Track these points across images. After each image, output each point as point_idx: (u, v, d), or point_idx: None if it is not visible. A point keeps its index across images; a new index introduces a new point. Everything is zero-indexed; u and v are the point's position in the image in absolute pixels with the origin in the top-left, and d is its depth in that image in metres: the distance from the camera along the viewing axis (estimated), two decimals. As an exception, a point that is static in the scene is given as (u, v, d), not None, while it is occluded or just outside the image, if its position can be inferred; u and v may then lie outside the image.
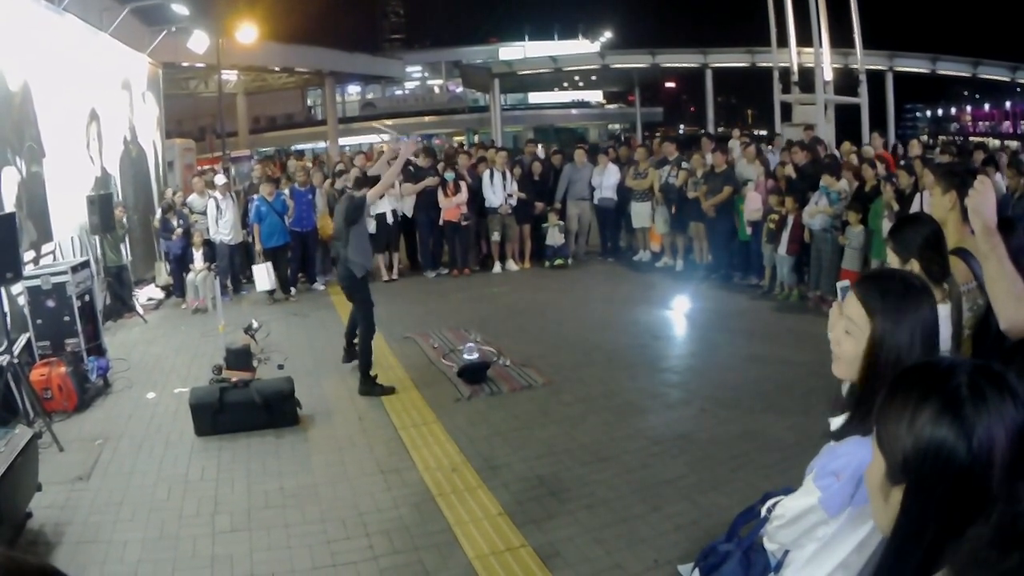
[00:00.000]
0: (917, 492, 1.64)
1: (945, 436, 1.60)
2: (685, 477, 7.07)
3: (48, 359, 10.11)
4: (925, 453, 1.62)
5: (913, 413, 1.64)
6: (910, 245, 4.09)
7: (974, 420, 1.59)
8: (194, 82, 42.63)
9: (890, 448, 1.70)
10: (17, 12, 11.74)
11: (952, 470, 1.59)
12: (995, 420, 1.59)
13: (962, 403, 1.61)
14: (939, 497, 1.61)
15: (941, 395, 1.63)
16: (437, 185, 16.78)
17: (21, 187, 11.43)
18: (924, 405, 1.64)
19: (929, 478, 1.62)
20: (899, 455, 1.67)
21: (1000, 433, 1.58)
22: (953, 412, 1.60)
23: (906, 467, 1.66)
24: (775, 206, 13.68)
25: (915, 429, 1.64)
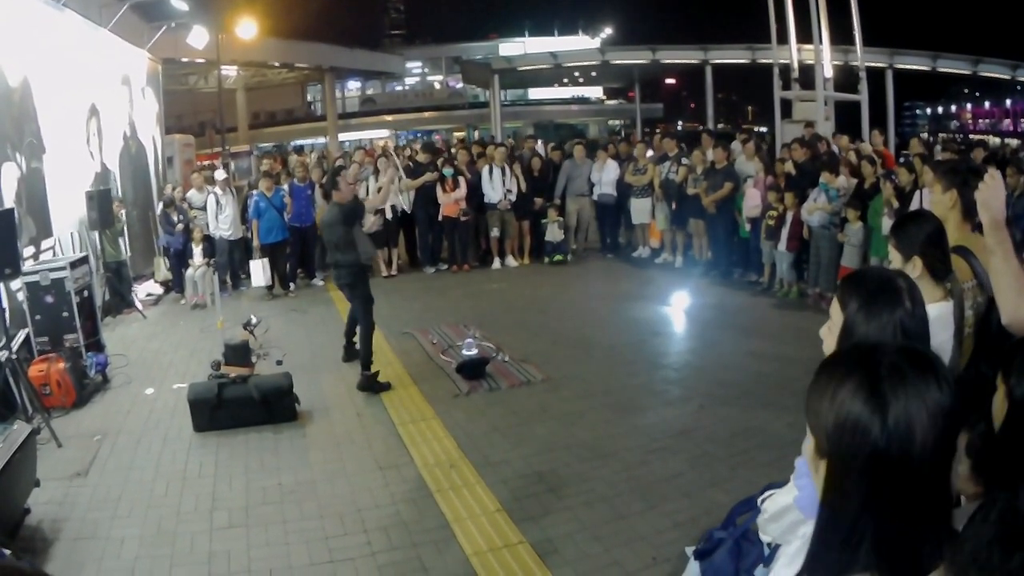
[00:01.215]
0: (837, 466, 1.69)
1: (860, 412, 1.64)
2: (684, 474, 7.06)
3: (47, 355, 10.12)
4: (843, 428, 1.66)
5: (835, 390, 1.69)
6: (913, 242, 4.06)
7: (890, 398, 1.63)
8: (194, 78, 42.61)
9: (815, 423, 1.74)
10: (17, 8, 11.75)
11: (867, 446, 1.63)
12: (914, 400, 1.63)
13: (879, 381, 1.65)
14: (857, 471, 1.64)
15: (861, 373, 1.68)
16: (436, 181, 16.77)
17: (21, 183, 11.44)
18: (845, 382, 1.68)
19: (846, 453, 1.66)
20: (822, 430, 1.71)
21: (920, 413, 1.62)
22: (870, 389, 1.64)
23: (828, 441, 1.70)
24: (775, 203, 13.66)
25: (835, 405, 1.68)
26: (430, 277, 17.04)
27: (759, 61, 29.96)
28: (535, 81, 53.60)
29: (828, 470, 1.71)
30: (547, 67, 37.76)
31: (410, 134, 64.29)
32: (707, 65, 32.87)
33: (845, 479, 1.67)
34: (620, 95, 67.93)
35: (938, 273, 3.98)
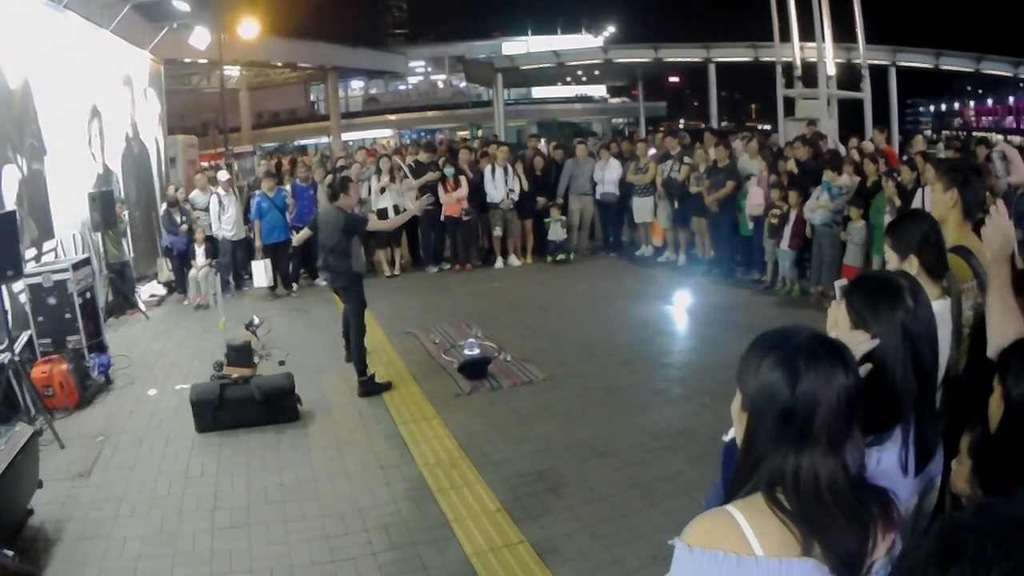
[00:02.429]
0: (753, 420, 2.12)
1: (776, 380, 2.05)
2: (684, 473, 7.07)
3: (49, 356, 10.14)
4: (760, 390, 2.09)
5: (759, 360, 2.11)
6: (908, 241, 4.05)
7: (801, 372, 2.03)
8: (196, 78, 42.64)
9: (742, 385, 2.17)
10: (17, 9, 11.74)
11: (777, 407, 2.05)
12: (820, 378, 2.03)
13: (793, 357, 2.05)
14: (767, 426, 2.07)
15: (781, 350, 2.09)
16: (438, 180, 16.77)
17: (22, 185, 11.46)
18: (768, 355, 2.10)
19: (762, 409, 2.08)
20: (746, 391, 2.15)
21: (825, 390, 2.03)
22: (785, 363, 2.06)
23: (749, 400, 2.13)
24: (777, 201, 13.65)
25: (758, 373, 2.10)
26: (433, 276, 17.06)
27: (762, 59, 29.95)
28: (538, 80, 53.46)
29: (747, 422, 2.14)
30: (550, 66, 37.70)
31: (413, 133, 64.23)
32: (710, 63, 32.83)
33: (758, 430, 2.10)
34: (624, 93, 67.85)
35: (934, 271, 3.98)
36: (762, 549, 1.97)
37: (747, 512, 2.02)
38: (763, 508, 2.02)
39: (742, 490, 2.11)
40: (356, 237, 10.12)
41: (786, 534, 1.98)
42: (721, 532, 2.01)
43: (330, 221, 9.96)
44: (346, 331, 10.65)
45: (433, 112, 67.13)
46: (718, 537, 2.00)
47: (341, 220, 9.85)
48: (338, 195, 10.07)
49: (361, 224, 10.42)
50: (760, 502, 2.03)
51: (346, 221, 9.90)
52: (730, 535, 1.99)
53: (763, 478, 2.06)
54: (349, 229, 9.90)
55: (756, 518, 2.00)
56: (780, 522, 1.99)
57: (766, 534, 1.98)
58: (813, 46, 23.70)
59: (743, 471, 2.13)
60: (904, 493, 2.50)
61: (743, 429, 2.17)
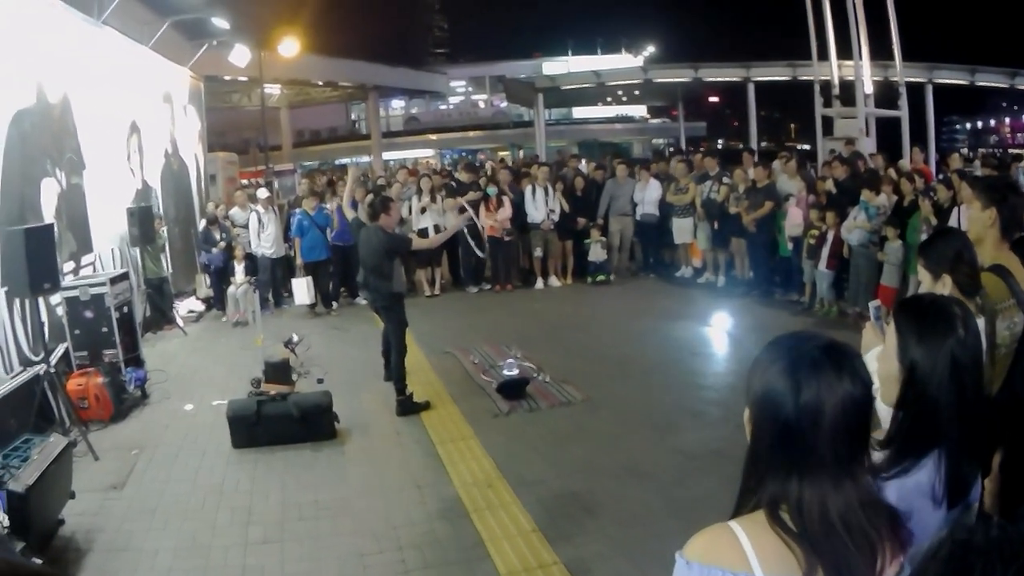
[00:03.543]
0: (757, 429, 2.08)
1: (779, 391, 2.00)
2: (719, 494, 6.95)
3: (85, 369, 10.27)
4: (764, 401, 2.05)
5: (764, 370, 2.07)
6: (942, 260, 4.03)
7: (803, 382, 1.98)
8: (237, 95, 42.81)
9: (749, 394, 2.12)
10: (56, 25, 11.87)
11: (780, 418, 1.99)
12: (824, 389, 1.97)
13: (798, 368, 2.00)
14: (770, 439, 2.03)
15: (787, 359, 2.04)
16: (479, 200, 16.80)
17: (61, 198, 11.57)
18: (773, 365, 2.05)
19: (764, 420, 2.05)
20: (752, 400, 2.10)
21: (829, 401, 1.96)
22: (790, 373, 2.00)
23: (753, 410, 2.10)
24: (815, 221, 13.60)
25: (762, 382, 2.06)
26: (473, 296, 17.11)
27: (800, 77, 29.83)
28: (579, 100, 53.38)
29: (751, 430, 2.10)
30: (590, 86, 37.67)
31: (454, 153, 64.40)
32: (749, 82, 32.70)
33: (761, 442, 2.06)
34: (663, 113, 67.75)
35: (968, 290, 3.96)
36: (762, 569, 1.95)
37: (749, 529, 2.00)
38: (766, 526, 1.99)
39: (747, 505, 2.08)
40: (397, 257, 10.15)
41: (787, 554, 1.94)
42: (721, 548, 2.00)
43: (371, 241, 9.94)
44: (386, 350, 10.66)
45: (474, 132, 67.20)
46: (718, 553, 1.99)
47: (383, 240, 9.85)
48: (379, 215, 10.03)
49: (404, 245, 10.45)
50: (763, 519, 2.00)
51: (388, 242, 9.91)
52: (730, 552, 1.98)
53: (766, 495, 2.02)
54: (391, 250, 9.93)
55: (758, 536, 1.98)
56: (782, 542, 1.96)
57: (767, 553, 1.96)
58: (851, 64, 23.65)
59: (747, 485, 2.10)
60: (933, 523, 2.47)
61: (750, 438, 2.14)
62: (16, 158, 10.05)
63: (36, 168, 10.84)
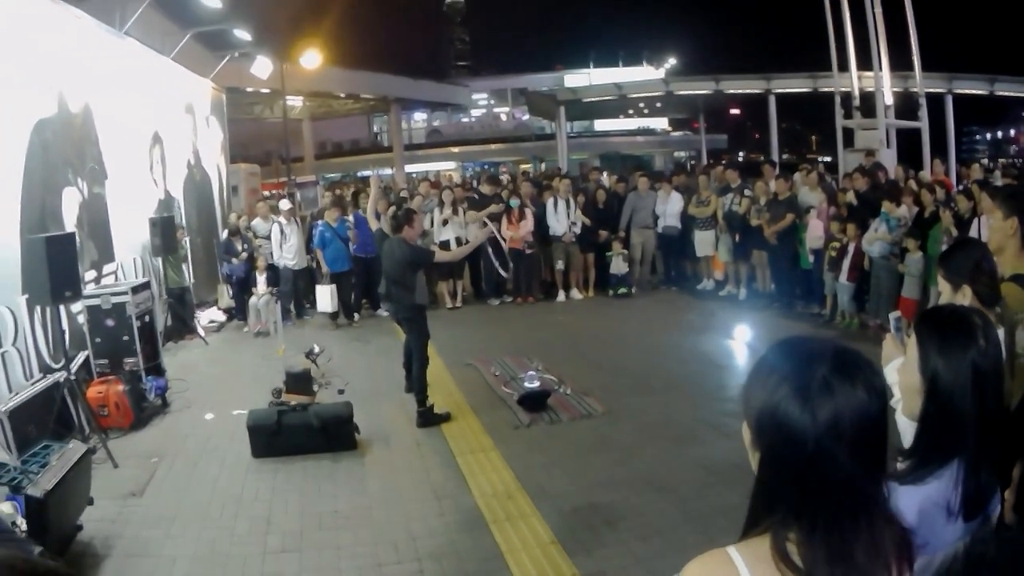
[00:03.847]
0: (769, 460, 1.86)
1: (794, 418, 1.77)
2: (740, 507, 6.89)
3: (106, 377, 10.34)
4: (775, 431, 1.81)
5: (770, 394, 1.82)
6: (961, 271, 4.01)
7: (818, 407, 1.75)
8: (259, 107, 42.98)
9: (750, 420, 1.90)
10: (77, 35, 11.97)
11: (798, 447, 1.76)
12: (841, 407, 1.75)
13: (811, 392, 1.77)
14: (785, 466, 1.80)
15: (794, 383, 1.80)
16: (501, 213, 16.80)
17: (82, 207, 11.65)
18: (779, 388, 1.81)
19: (777, 451, 1.82)
20: (756, 428, 1.88)
21: (845, 419, 1.75)
22: (802, 399, 1.77)
23: (761, 439, 1.87)
24: (836, 233, 13.57)
25: (769, 408, 1.82)
26: (494, 309, 17.14)
27: (821, 89, 29.79)
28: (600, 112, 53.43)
29: (760, 460, 1.88)
30: (612, 98, 37.67)
31: (476, 165, 64.49)
32: (770, 94, 32.66)
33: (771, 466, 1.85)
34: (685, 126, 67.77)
35: (987, 300, 3.93)
36: None
37: (748, 557, 1.83)
38: (767, 556, 1.80)
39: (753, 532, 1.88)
40: (420, 270, 10.16)
41: None
42: None
43: (394, 253, 9.94)
44: (407, 362, 10.64)
45: (495, 144, 67.32)
46: None
47: (406, 253, 9.84)
48: (402, 227, 10.00)
49: (427, 257, 10.46)
50: (766, 548, 1.82)
51: (411, 254, 9.91)
52: None
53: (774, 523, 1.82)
54: (415, 263, 9.94)
55: (757, 566, 1.81)
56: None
57: None
58: (871, 75, 23.60)
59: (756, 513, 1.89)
60: (947, 536, 2.43)
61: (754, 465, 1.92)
62: (38, 167, 10.13)
63: (58, 177, 10.91)
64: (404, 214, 10.30)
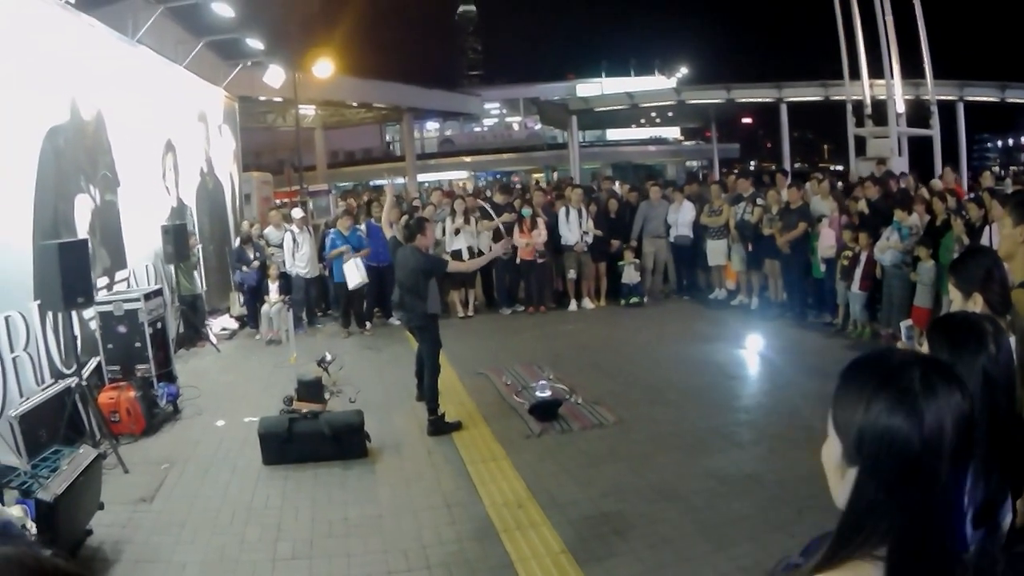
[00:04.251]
0: (871, 473, 1.74)
1: (900, 426, 1.70)
2: (751, 517, 6.99)
3: (117, 383, 10.37)
4: (881, 440, 1.72)
5: (869, 402, 1.75)
6: (972, 279, 4.01)
7: (925, 411, 1.69)
8: (272, 116, 43.10)
9: (845, 433, 1.80)
10: (90, 43, 12.03)
11: (905, 456, 1.69)
12: (943, 410, 1.70)
13: (915, 396, 1.71)
14: (890, 478, 1.71)
15: (895, 387, 1.73)
16: (514, 222, 16.81)
17: (95, 214, 11.71)
18: (879, 395, 1.74)
19: (882, 462, 1.72)
20: (853, 440, 1.78)
21: (948, 422, 1.69)
22: (908, 404, 1.70)
23: (860, 451, 1.76)
24: (849, 242, 13.54)
25: (871, 417, 1.74)
26: (506, 318, 17.11)
27: (832, 97, 29.81)
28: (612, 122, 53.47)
29: (860, 476, 1.76)
30: (624, 107, 37.72)
31: (488, 175, 64.54)
32: (782, 103, 32.68)
33: (876, 483, 1.73)
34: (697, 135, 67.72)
35: (998, 308, 3.92)
36: None
37: None
38: None
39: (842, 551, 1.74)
40: (433, 279, 10.17)
41: None
42: None
43: (408, 262, 9.94)
44: (419, 370, 10.64)
45: (508, 154, 67.39)
46: None
47: (420, 261, 9.85)
48: (415, 236, 10.02)
49: (440, 267, 10.45)
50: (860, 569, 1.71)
51: (424, 263, 9.91)
52: None
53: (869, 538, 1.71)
54: (428, 272, 9.93)
55: None
56: None
57: None
58: (882, 83, 23.61)
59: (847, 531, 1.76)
60: None
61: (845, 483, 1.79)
62: (50, 173, 10.18)
63: (70, 184, 10.96)
64: (417, 223, 10.33)
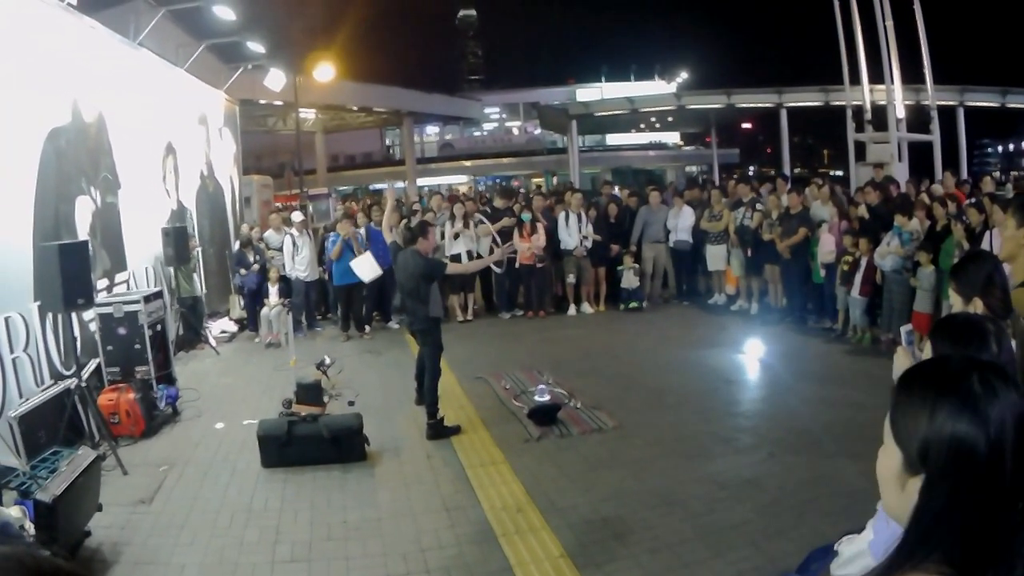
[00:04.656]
0: (939, 481, 1.69)
1: (967, 431, 1.66)
2: (751, 522, 6.98)
3: (117, 385, 10.37)
4: (948, 447, 1.67)
5: (932, 410, 1.71)
6: (973, 284, 4.02)
7: (989, 413, 1.66)
8: (272, 119, 43.17)
9: (907, 442, 1.76)
10: (91, 45, 12.04)
11: (974, 460, 1.65)
12: (1005, 411, 1.66)
13: (978, 399, 1.67)
14: (960, 485, 1.66)
15: (958, 392, 1.70)
16: (514, 226, 16.80)
17: (95, 216, 11.71)
18: (943, 402, 1.70)
19: (951, 469, 1.67)
20: (917, 449, 1.73)
21: (1009, 423, 1.65)
22: (973, 408, 1.67)
23: (925, 459, 1.71)
24: (850, 247, 13.54)
25: (935, 424, 1.70)
26: (506, 322, 17.10)
27: (832, 103, 29.86)
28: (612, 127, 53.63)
29: (927, 485, 1.71)
30: (624, 112, 37.74)
31: (488, 179, 64.59)
32: (782, 108, 32.73)
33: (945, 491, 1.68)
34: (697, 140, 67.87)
35: (999, 313, 3.93)
36: None
37: None
38: None
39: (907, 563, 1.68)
40: (435, 282, 10.17)
41: None
42: None
43: (408, 265, 9.93)
44: (419, 373, 10.63)
45: (508, 158, 67.46)
46: None
47: (420, 265, 9.84)
48: (416, 239, 10.04)
49: (440, 269, 10.45)
50: None
51: (424, 266, 9.90)
52: None
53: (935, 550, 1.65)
54: (428, 275, 9.92)
55: None
56: None
57: None
58: (882, 88, 23.62)
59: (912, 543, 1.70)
60: None
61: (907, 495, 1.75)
62: (51, 175, 10.18)
63: (71, 186, 10.96)
64: (419, 226, 10.33)
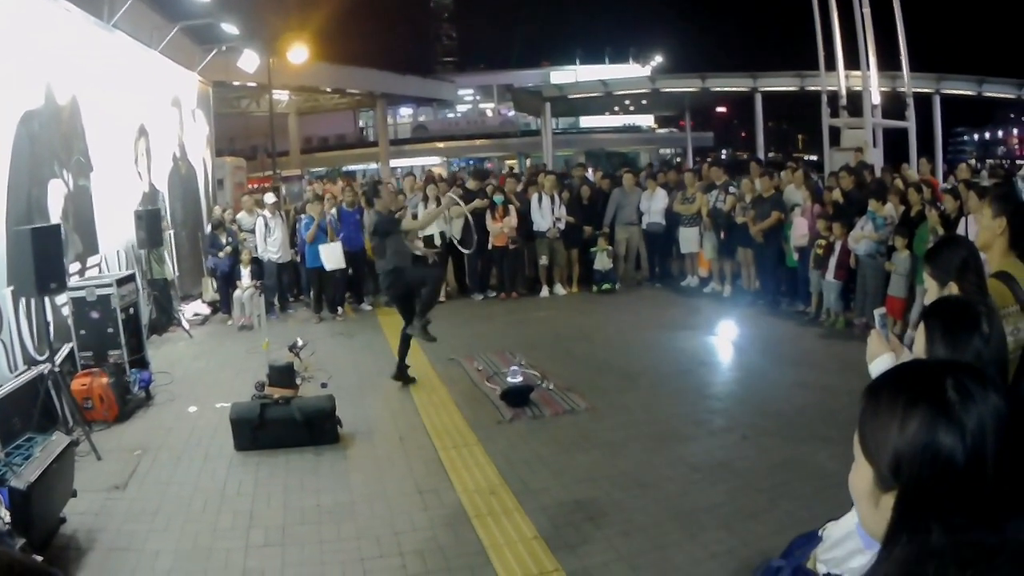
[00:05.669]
0: (915, 495, 1.59)
1: (942, 440, 1.56)
2: (723, 505, 6.99)
3: (90, 369, 10.28)
4: (923, 459, 1.58)
5: (903, 420, 1.61)
6: (948, 268, 4.03)
7: (966, 421, 1.56)
8: (245, 101, 43.00)
9: (878, 456, 1.66)
10: (66, 28, 11.96)
11: (952, 471, 1.56)
12: (984, 416, 1.57)
13: (952, 406, 1.58)
14: (938, 497, 1.56)
15: (929, 400, 1.61)
16: (486, 208, 16.77)
17: (68, 200, 11.64)
18: (914, 411, 1.60)
19: (928, 481, 1.58)
20: (889, 462, 1.63)
21: (989, 428, 1.56)
22: (947, 416, 1.57)
23: (901, 473, 1.61)
24: (823, 231, 13.57)
25: (907, 435, 1.60)
26: (478, 304, 17.11)
27: (808, 88, 29.91)
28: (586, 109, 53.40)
29: (901, 500, 1.62)
30: (598, 95, 37.69)
31: (462, 161, 64.47)
32: (756, 93, 32.72)
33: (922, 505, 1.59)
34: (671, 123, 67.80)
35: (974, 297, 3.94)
36: None
37: None
38: None
39: None
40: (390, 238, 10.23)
41: None
42: None
43: (369, 225, 10.15)
44: (402, 348, 10.93)
45: (481, 140, 67.35)
46: None
47: (372, 221, 10.03)
48: (371, 200, 10.27)
49: (392, 224, 10.48)
50: None
51: (376, 222, 10.15)
52: None
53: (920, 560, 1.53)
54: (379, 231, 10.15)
55: None
56: None
57: None
58: (858, 75, 23.67)
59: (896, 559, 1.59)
60: None
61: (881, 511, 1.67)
62: (24, 158, 10.11)
63: (44, 169, 10.89)
64: (371, 188, 10.62)
